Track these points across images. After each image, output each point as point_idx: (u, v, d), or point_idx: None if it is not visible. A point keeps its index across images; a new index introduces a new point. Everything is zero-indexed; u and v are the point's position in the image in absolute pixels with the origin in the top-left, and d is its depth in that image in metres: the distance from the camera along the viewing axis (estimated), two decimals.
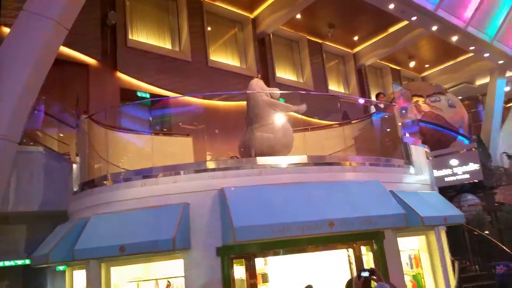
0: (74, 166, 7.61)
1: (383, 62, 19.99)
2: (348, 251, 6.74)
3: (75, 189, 7.38)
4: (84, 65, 11.09)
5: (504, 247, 10.37)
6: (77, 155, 7.71)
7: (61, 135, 9.40)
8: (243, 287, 6.10)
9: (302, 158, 6.85)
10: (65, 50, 10.33)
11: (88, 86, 10.94)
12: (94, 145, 7.89)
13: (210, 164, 6.55)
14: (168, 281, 6.53)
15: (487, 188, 13.48)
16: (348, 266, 6.77)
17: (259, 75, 8.45)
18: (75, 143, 7.86)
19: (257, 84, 7.88)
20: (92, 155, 7.81)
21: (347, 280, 5.87)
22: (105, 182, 6.74)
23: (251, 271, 6.08)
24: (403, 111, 8.86)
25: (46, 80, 7.48)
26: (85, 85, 10.92)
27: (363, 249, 6.75)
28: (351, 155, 7.42)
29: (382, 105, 9.73)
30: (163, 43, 13.04)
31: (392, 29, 16.82)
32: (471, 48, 17.08)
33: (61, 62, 9.74)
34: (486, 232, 11.23)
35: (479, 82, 22.00)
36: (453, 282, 8.01)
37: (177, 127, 10.75)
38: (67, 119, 9.20)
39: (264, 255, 6.49)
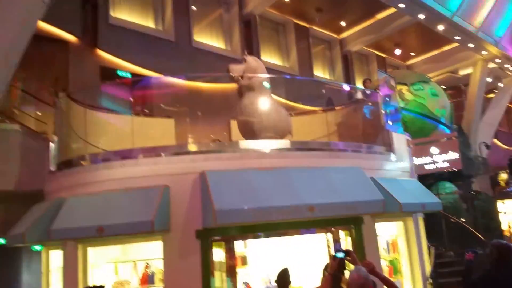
0: (52, 145, 7.44)
1: (369, 49, 19.97)
2: (327, 235, 6.80)
3: (52, 169, 7.23)
4: (63, 42, 10.75)
5: (479, 234, 10.66)
6: (54, 134, 7.53)
7: (39, 113, 9.16)
8: (222, 269, 6.11)
9: (285, 143, 6.84)
10: (44, 25, 9.98)
11: (67, 64, 10.62)
12: (73, 125, 7.71)
13: (192, 147, 6.48)
14: (147, 263, 6.52)
15: (465, 177, 13.77)
16: (327, 250, 6.85)
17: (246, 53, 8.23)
18: (53, 121, 7.66)
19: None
20: (71, 135, 7.64)
21: (326, 264, 5.94)
22: (82, 162, 6.61)
23: (230, 253, 6.10)
24: (387, 99, 8.89)
25: (24, 57, 7.21)
26: (65, 63, 10.60)
27: (342, 233, 6.83)
28: (333, 141, 7.43)
29: (368, 92, 9.73)
30: (146, 21, 12.71)
31: (379, 16, 16.75)
32: (457, 38, 17.17)
33: (40, 38, 9.38)
34: (462, 219, 11.51)
35: (462, 72, 22.22)
36: (428, 267, 8.19)
37: (159, 109, 10.57)
38: (46, 97, 8.95)
39: (244, 238, 6.51)
